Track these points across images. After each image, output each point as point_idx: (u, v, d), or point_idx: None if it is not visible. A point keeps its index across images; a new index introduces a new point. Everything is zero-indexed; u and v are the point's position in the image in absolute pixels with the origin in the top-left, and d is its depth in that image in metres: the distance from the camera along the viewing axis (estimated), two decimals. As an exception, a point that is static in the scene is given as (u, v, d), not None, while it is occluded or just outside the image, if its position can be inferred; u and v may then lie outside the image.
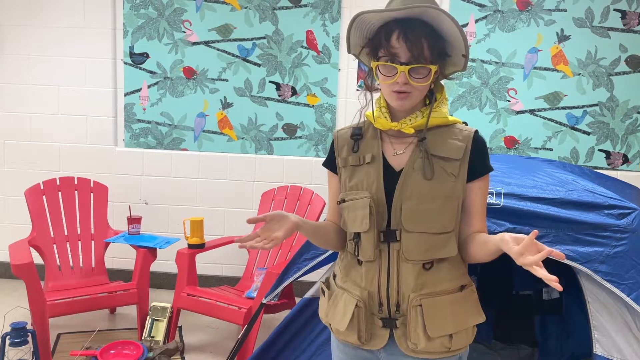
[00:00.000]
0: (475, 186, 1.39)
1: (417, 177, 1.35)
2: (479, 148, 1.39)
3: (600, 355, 2.03)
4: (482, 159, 1.39)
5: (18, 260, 2.81)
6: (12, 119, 3.98)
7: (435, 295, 1.37)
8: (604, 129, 3.70)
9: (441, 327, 1.37)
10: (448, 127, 1.40)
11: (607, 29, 3.60)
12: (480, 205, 1.41)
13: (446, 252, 1.37)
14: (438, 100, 1.40)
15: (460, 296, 1.40)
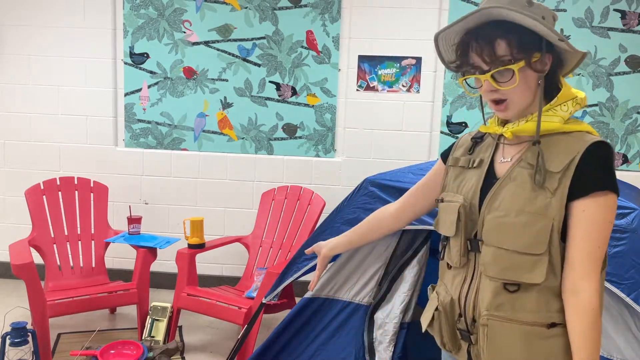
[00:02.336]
0: (577, 207, 1.15)
1: (511, 187, 1.21)
2: (591, 160, 1.15)
3: (600, 355, 2.03)
4: (592, 173, 1.14)
5: (18, 260, 2.81)
6: (12, 119, 3.98)
7: (510, 321, 1.20)
8: (604, 129, 3.70)
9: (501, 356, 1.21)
10: (565, 135, 1.20)
11: (606, 29, 3.60)
12: (582, 233, 1.14)
13: (531, 278, 1.18)
14: (551, 104, 1.21)
15: (543, 333, 1.18)
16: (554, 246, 1.17)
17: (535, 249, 1.17)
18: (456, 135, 3.79)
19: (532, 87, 1.20)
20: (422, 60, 3.72)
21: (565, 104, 1.21)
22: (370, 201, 2.43)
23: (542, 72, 1.19)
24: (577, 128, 1.21)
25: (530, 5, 1.17)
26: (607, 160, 1.16)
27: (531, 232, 1.17)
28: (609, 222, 1.16)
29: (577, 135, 1.19)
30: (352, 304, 2.44)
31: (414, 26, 3.69)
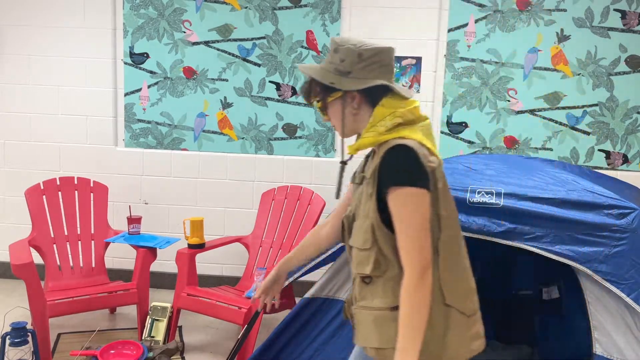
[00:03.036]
0: (388, 204, 1.33)
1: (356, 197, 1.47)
2: (384, 162, 1.34)
3: (600, 355, 2.03)
4: (386, 173, 1.33)
5: (18, 260, 2.81)
6: (12, 119, 3.98)
7: (366, 308, 1.43)
8: (604, 129, 3.70)
9: (364, 340, 1.44)
10: (383, 145, 1.38)
11: (607, 29, 3.60)
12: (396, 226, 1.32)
13: (365, 269, 1.40)
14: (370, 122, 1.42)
15: (388, 316, 1.37)
16: (380, 241, 1.36)
17: (365, 245, 1.39)
18: (456, 135, 3.79)
19: (339, 116, 1.46)
20: (422, 60, 3.72)
21: (383, 120, 1.39)
22: (370, 201, 2.43)
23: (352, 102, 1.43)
24: (392, 136, 1.38)
25: (336, 52, 1.43)
26: (399, 159, 1.32)
27: (362, 232, 1.39)
28: (411, 212, 1.30)
29: (389, 142, 1.37)
30: (352, 304, 2.44)
31: (414, 26, 3.69)
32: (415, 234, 1.29)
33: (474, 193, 2.24)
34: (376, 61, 1.41)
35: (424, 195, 1.31)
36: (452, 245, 1.40)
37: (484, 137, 3.78)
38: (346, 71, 1.41)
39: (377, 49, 1.41)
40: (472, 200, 2.23)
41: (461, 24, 3.69)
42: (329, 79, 1.42)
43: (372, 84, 1.40)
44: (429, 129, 1.44)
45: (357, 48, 1.40)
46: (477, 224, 2.21)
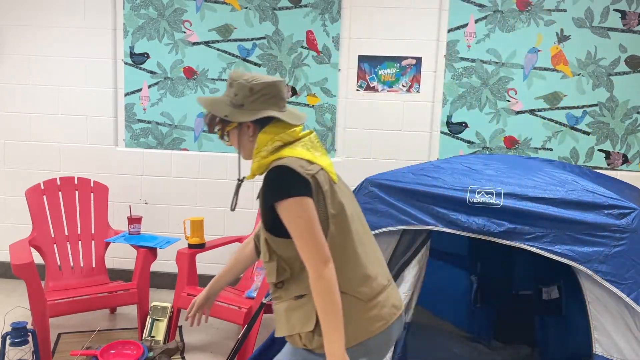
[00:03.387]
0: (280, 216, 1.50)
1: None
2: (265, 183, 1.50)
3: (600, 355, 2.03)
4: (268, 192, 1.49)
5: (18, 260, 2.81)
6: (12, 119, 3.98)
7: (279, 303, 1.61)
8: (604, 129, 3.70)
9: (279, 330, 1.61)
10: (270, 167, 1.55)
11: (606, 29, 3.60)
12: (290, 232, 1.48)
13: (271, 279, 1.59)
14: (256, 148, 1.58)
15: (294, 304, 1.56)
16: (279, 251, 1.54)
17: (266, 258, 1.58)
18: (456, 135, 3.79)
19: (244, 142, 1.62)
20: (422, 60, 3.72)
21: (265, 146, 1.57)
22: (370, 201, 2.43)
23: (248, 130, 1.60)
24: (272, 158, 1.55)
25: (230, 87, 1.59)
26: (275, 177, 1.49)
27: (263, 247, 1.59)
28: (296, 218, 1.46)
29: (270, 164, 1.54)
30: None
31: (414, 26, 3.70)
32: (306, 236, 1.46)
33: (473, 193, 2.24)
34: (266, 94, 1.58)
35: (302, 202, 1.46)
36: (342, 239, 1.54)
37: (484, 137, 3.78)
38: (239, 104, 1.58)
39: (266, 83, 1.58)
40: (472, 200, 2.23)
41: (461, 24, 3.69)
42: (224, 112, 1.59)
43: (261, 115, 1.56)
44: (312, 141, 1.61)
45: (248, 83, 1.57)
46: (477, 224, 2.22)
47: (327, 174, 1.56)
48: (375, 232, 2.39)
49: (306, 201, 1.47)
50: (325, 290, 1.44)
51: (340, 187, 1.61)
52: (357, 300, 1.53)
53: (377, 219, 2.39)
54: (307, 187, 1.48)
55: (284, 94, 1.63)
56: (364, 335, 1.52)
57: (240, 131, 1.61)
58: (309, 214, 1.46)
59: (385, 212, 2.39)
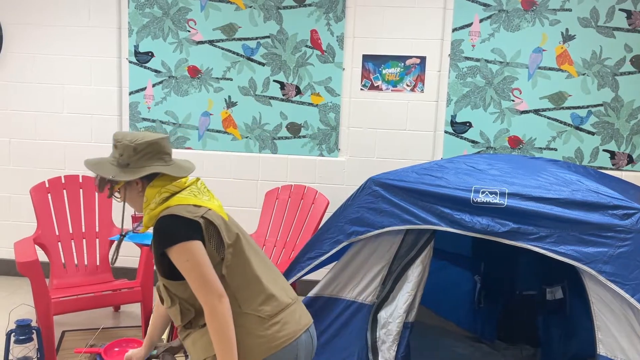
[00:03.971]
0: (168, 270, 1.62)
1: None
2: (154, 233, 1.60)
3: (603, 356, 2.03)
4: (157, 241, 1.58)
5: (23, 258, 2.82)
6: (17, 117, 4.00)
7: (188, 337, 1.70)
8: (609, 129, 3.69)
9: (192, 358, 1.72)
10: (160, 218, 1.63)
11: (612, 28, 3.59)
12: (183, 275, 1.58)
13: (177, 322, 1.70)
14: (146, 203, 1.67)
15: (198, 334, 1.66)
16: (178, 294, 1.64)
17: (167, 304, 1.69)
18: (460, 135, 3.79)
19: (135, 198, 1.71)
20: (427, 59, 3.72)
21: (154, 198, 1.65)
22: (374, 200, 2.43)
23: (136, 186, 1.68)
24: (160, 209, 1.62)
25: (116, 148, 1.68)
26: (162, 227, 1.58)
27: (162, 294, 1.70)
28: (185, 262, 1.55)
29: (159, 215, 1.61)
30: (355, 303, 2.44)
31: (419, 25, 3.69)
32: (196, 276, 1.55)
33: (477, 193, 2.24)
34: (150, 151, 1.67)
35: (189, 246, 1.55)
36: (240, 264, 1.65)
37: (488, 137, 3.77)
38: (125, 163, 1.67)
39: (149, 141, 1.66)
40: (475, 200, 2.23)
41: (466, 24, 3.68)
42: (110, 172, 1.67)
43: (146, 172, 1.65)
44: (198, 188, 1.70)
45: (132, 143, 1.65)
46: (480, 224, 2.21)
47: (217, 213, 1.65)
48: (379, 232, 2.39)
49: (193, 245, 1.56)
50: (220, 326, 1.55)
51: (233, 223, 1.71)
52: (260, 318, 1.63)
53: (381, 219, 2.39)
54: (195, 230, 1.58)
55: (169, 149, 1.72)
56: (267, 350, 1.60)
57: (129, 188, 1.70)
58: (196, 256, 1.55)
59: (389, 212, 2.38)
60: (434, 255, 2.44)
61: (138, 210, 1.77)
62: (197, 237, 1.57)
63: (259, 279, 1.68)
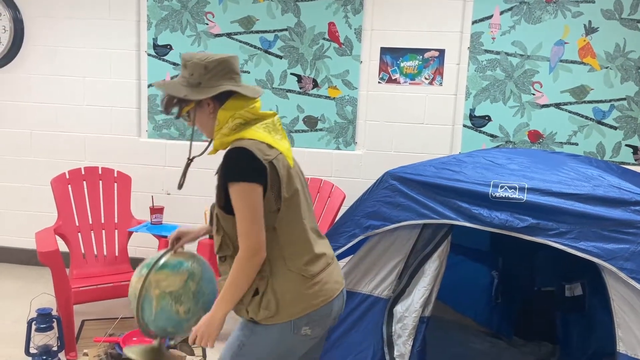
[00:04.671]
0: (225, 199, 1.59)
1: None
2: (224, 162, 1.60)
3: (623, 354, 2.00)
4: (223, 174, 1.59)
5: (44, 248, 2.87)
6: (39, 109, 4.06)
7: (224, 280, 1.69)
8: (632, 124, 3.62)
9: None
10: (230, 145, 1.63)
11: (636, 21, 3.51)
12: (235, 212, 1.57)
13: (215, 250, 1.71)
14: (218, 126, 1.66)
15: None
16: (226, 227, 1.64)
17: (217, 229, 1.67)
18: (479, 128, 3.74)
19: (205, 120, 1.70)
20: (445, 52, 3.68)
21: (226, 123, 1.64)
22: (391, 194, 2.42)
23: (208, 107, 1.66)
24: (233, 137, 1.62)
25: (185, 68, 1.64)
26: (233, 159, 1.58)
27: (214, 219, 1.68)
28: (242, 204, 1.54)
29: (232, 144, 1.62)
30: (371, 297, 2.44)
31: (437, 18, 3.65)
32: (245, 223, 1.55)
33: (496, 187, 2.21)
34: (220, 70, 1.63)
35: (252, 188, 1.54)
36: (292, 221, 1.64)
37: (508, 131, 3.72)
38: (196, 83, 1.64)
39: (220, 59, 1.63)
40: (494, 195, 2.21)
41: (486, 16, 3.63)
42: (182, 92, 1.64)
43: (219, 90, 1.62)
44: (273, 124, 1.67)
45: (202, 61, 1.62)
46: (499, 219, 2.19)
47: (285, 158, 1.64)
48: (396, 226, 2.38)
49: (253, 188, 1.55)
50: (239, 275, 1.58)
51: (296, 172, 1.70)
52: (303, 277, 1.62)
53: (398, 213, 2.38)
54: (260, 173, 1.56)
55: (238, 69, 1.69)
56: (307, 309, 1.62)
57: (200, 110, 1.68)
58: (252, 201, 1.55)
59: (406, 206, 2.37)
60: (451, 250, 2.42)
61: (208, 135, 1.75)
62: (261, 181, 1.55)
63: (308, 238, 1.67)
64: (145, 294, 1.76)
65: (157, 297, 1.74)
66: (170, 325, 1.76)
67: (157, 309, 1.74)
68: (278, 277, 1.61)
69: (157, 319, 1.76)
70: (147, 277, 1.75)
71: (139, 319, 1.80)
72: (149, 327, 1.79)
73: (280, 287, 1.60)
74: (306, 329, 1.63)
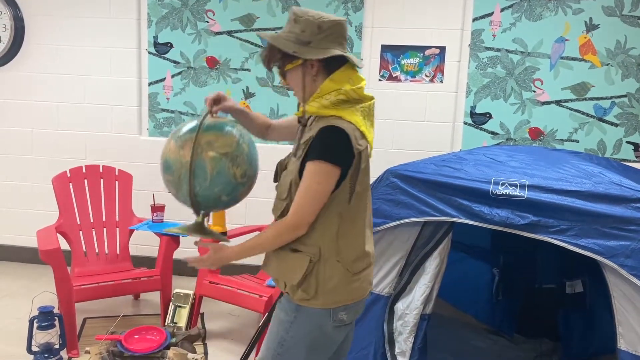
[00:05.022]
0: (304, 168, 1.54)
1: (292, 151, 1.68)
2: (319, 137, 1.52)
3: (624, 350, 2.00)
4: (314, 147, 1.52)
5: (46, 246, 2.88)
6: (40, 108, 4.06)
7: None
8: (633, 121, 3.61)
9: (266, 267, 1.71)
10: (323, 118, 1.56)
11: (637, 18, 3.50)
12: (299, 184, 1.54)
13: (276, 214, 1.66)
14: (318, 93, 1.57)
15: (285, 254, 1.62)
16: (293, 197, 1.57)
17: (282, 196, 1.63)
18: (480, 126, 3.74)
19: (299, 84, 1.60)
20: (446, 49, 3.67)
21: (328, 94, 1.55)
22: (391, 192, 2.42)
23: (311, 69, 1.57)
24: (329, 113, 1.54)
25: (296, 23, 1.56)
26: (331, 139, 1.51)
27: (283, 183, 1.63)
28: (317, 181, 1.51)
29: (328, 119, 1.54)
30: (372, 294, 2.44)
31: (438, 15, 3.64)
32: (307, 199, 1.53)
33: (497, 185, 2.21)
34: (333, 32, 1.55)
35: (334, 172, 1.51)
36: (355, 216, 1.61)
37: (508, 128, 3.72)
38: (307, 41, 1.54)
39: (334, 21, 1.55)
40: (495, 192, 2.21)
41: (486, 13, 3.63)
42: (291, 47, 1.55)
43: (330, 54, 1.54)
44: (370, 109, 1.63)
45: (316, 20, 1.54)
46: (500, 216, 2.19)
47: (369, 150, 1.62)
48: (397, 223, 2.38)
49: (335, 173, 1.52)
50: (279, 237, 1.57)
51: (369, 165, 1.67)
52: (346, 271, 1.60)
53: (399, 210, 2.38)
54: (347, 162, 1.53)
55: (347, 35, 1.60)
56: (342, 302, 1.62)
57: (303, 70, 1.58)
58: (328, 185, 1.52)
59: (407, 204, 2.37)
60: (452, 248, 2.42)
61: (301, 98, 1.63)
62: (345, 167, 1.53)
63: (364, 234, 1.66)
64: (197, 158, 1.59)
65: (211, 159, 1.58)
66: (226, 191, 1.63)
67: (213, 173, 1.59)
68: (326, 265, 1.58)
69: (213, 184, 1.61)
70: (197, 140, 1.59)
71: (191, 188, 1.65)
72: (199, 197, 1.67)
73: (324, 274, 1.58)
74: (343, 314, 1.63)
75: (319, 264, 1.58)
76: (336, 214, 1.57)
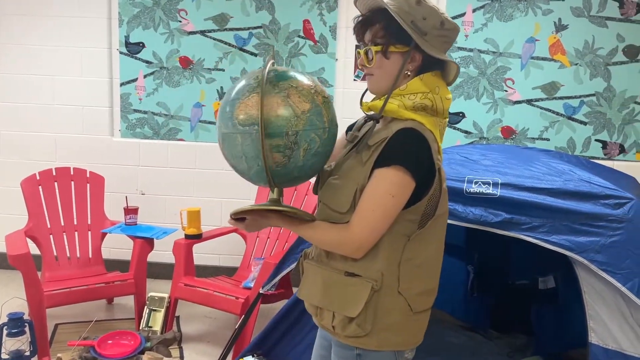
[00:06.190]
0: (372, 174, 1.30)
1: (347, 156, 1.42)
2: (397, 139, 1.28)
3: (595, 344, 2.04)
4: (390, 151, 1.28)
5: (15, 251, 2.81)
6: (7, 109, 3.96)
7: (319, 266, 1.41)
8: (601, 119, 3.70)
9: (307, 294, 1.45)
10: (398, 120, 1.34)
11: (604, 18, 3.59)
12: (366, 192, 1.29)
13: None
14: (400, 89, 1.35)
15: (338, 279, 1.36)
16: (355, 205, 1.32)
17: (343, 207, 1.33)
18: (453, 125, 3.79)
19: (392, 72, 1.34)
20: (420, 49, 3.70)
21: (414, 94, 1.33)
22: (367, 191, 2.42)
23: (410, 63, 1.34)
24: (408, 116, 1.33)
25: (419, 5, 1.32)
26: (412, 143, 1.28)
27: (345, 193, 1.34)
28: (386, 192, 1.26)
29: (404, 122, 1.32)
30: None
31: (412, 15, 3.67)
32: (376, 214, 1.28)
33: (470, 183, 2.24)
34: (450, 35, 1.37)
35: (410, 187, 1.28)
36: (430, 242, 1.38)
37: (481, 127, 3.77)
38: (424, 31, 1.32)
39: (455, 24, 1.38)
40: (469, 191, 2.23)
41: (459, 14, 3.67)
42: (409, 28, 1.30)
43: (442, 56, 1.34)
44: (444, 127, 1.41)
45: (441, 15, 1.34)
46: (473, 214, 2.21)
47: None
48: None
49: (410, 185, 1.28)
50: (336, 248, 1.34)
51: None
52: (408, 307, 1.36)
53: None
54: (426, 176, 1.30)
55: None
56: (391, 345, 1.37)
57: (403, 59, 1.33)
58: (401, 198, 1.27)
59: (382, 203, 2.38)
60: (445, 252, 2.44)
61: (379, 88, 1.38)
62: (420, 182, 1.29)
63: (435, 266, 1.42)
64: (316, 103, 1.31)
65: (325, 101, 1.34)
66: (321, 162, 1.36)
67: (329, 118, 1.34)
68: (386, 296, 1.33)
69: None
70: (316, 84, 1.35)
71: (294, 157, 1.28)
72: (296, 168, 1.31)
73: (383, 307, 1.33)
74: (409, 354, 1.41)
75: (378, 295, 1.33)
76: (403, 236, 1.33)
